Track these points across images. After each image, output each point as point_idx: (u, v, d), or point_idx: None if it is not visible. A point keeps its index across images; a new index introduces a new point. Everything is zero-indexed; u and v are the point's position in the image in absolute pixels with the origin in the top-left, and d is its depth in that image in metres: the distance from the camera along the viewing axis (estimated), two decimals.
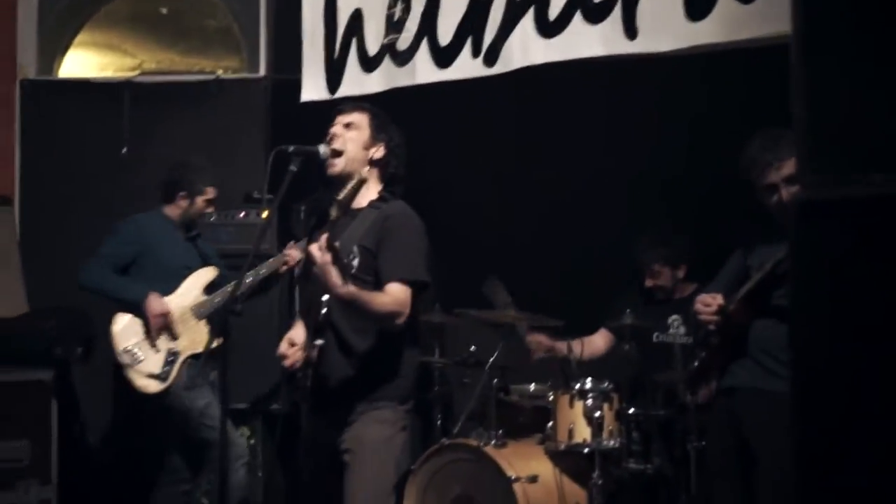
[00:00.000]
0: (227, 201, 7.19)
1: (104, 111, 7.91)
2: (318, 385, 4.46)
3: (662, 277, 6.41)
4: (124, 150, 7.80)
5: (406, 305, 4.40)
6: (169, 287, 6.20)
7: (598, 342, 6.61)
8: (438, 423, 6.73)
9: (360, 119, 4.66)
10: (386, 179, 4.66)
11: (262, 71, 8.03)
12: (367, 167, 4.61)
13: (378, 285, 4.41)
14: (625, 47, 5.51)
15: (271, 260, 6.23)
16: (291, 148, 4.43)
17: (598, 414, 5.77)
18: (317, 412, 4.63)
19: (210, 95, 7.89)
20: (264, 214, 6.55)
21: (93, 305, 7.59)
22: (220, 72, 8.04)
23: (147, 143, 7.84)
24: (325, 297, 4.31)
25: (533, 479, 5.73)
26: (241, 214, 7.16)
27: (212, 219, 7.06)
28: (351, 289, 4.19)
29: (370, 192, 4.60)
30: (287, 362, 4.52)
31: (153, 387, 6.11)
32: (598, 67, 5.72)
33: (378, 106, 4.84)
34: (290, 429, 7.08)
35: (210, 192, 6.45)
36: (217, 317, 6.10)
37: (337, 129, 4.63)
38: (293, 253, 6.24)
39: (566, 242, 7.00)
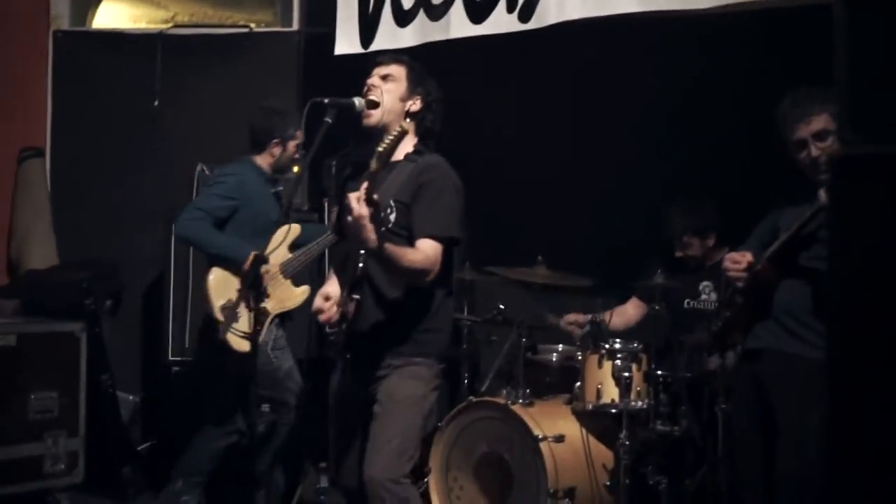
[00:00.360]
0: None
1: (136, 63, 7.91)
2: (354, 340, 4.45)
3: (692, 248, 6.37)
4: (156, 102, 7.80)
5: (436, 263, 4.36)
6: (259, 243, 6.06)
7: (630, 312, 6.59)
8: (465, 380, 6.72)
9: (398, 71, 4.62)
10: (421, 133, 4.61)
11: (296, 24, 8.01)
12: (404, 120, 4.56)
13: (412, 240, 4.38)
14: (663, 3, 5.46)
15: (324, 237, 6.10)
16: (327, 100, 4.39)
17: (626, 374, 5.74)
18: (351, 368, 4.61)
19: (243, 49, 7.88)
20: (295, 169, 6.51)
21: (122, 258, 7.65)
22: (253, 25, 8.03)
23: (179, 96, 7.85)
24: (362, 252, 4.29)
25: (560, 438, 5.72)
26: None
27: None
28: (381, 243, 4.15)
29: (406, 146, 4.52)
30: (322, 317, 4.50)
31: (245, 346, 5.99)
32: (635, 25, 5.68)
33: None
34: (320, 382, 7.15)
35: (300, 136, 6.25)
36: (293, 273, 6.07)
37: (374, 80, 4.60)
38: None
39: (598, 202, 6.97)
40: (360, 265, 4.34)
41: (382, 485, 4.35)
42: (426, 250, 4.34)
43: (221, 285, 5.99)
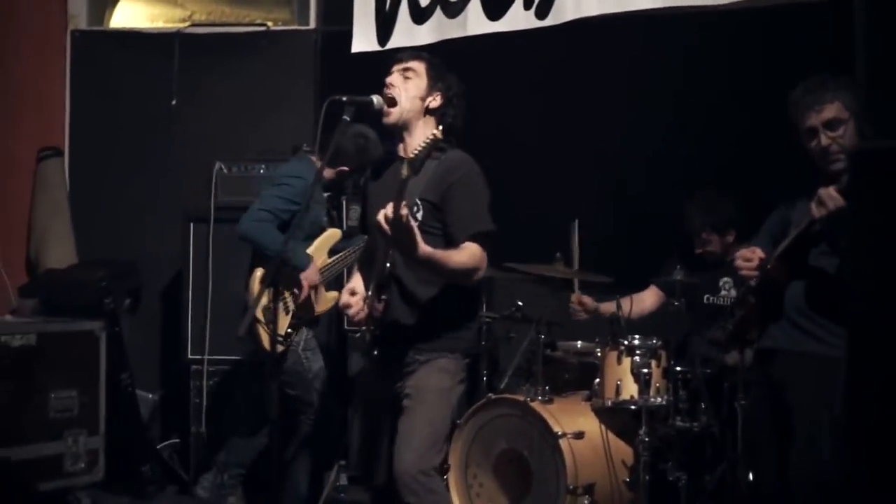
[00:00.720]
0: (276, 154, 7.21)
1: (154, 62, 7.93)
2: (382, 338, 4.47)
3: (712, 244, 6.34)
4: (174, 101, 7.82)
5: (483, 261, 4.41)
6: (308, 245, 6.10)
7: (647, 299, 6.54)
8: (484, 377, 6.71)
9: (419, 67, 4.60)
10: (444, 129, 4.53)
11: (313, 23, 8.02)
12: (424, 116, 4.58)
13: (445, 237, 4.39)
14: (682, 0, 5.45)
15: (360, 244, 6.03)
16: (345, 98, 4.38)
17: (645, 371, 5.73)
18: (378, 365, 4.62)
19: (260, 47, 7.89)
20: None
21: (141, 257, 7.66)
22: (270, 23, 8.03)
23: (196, 95, 7.87)
24: (390, 251, 4.30)
25: (579, 435, 5.71)
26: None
27: (261, 171, 7.06)
28: (427, 250, 4.17)
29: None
30: (352, 311, 4.51)
31: (277, 347, 5.97)
32: (653, 21, 5.66)
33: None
34: (335, 384, 7.16)
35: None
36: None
37: (394, 77, 4.59)
38: None
39: (617, 198, 6.96)
40: (388, 265, 4.34)
41: (413, 477, 4.37)
42: (472, 250, 4.37)
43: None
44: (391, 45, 6.58)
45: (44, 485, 6.40)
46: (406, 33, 6.53)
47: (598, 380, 5.95)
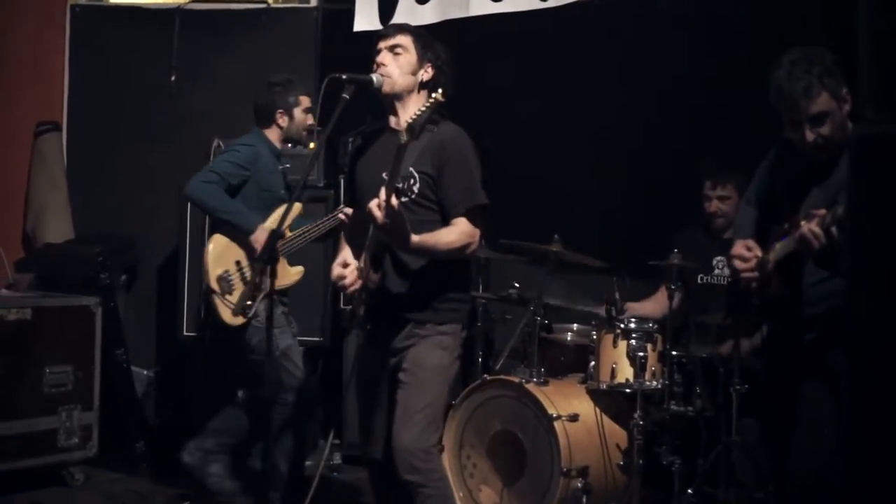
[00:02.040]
0: None
1: (154, 38, 7.90)
2: (376, 311, 4.50)
3: (730, 202, 6.25)
4: (173, 77, 7.79)
5: (475, 234, 4.44)
6: (263, 217, 6.04)
7: (649, 306, 6.49)
8: (480, 359, 6.72)
9: (406, 41, 4.58)
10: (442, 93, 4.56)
11: (314, 0, 7.98)
12: (417, 91, 4.58)
13: (440, 209, 4.42)
14: None
15: (326, 219, 6.06)
16: (344, 76, 4.40)
17: (641, 354, 5.73)
18: (372, 339, 4.63)
19: (260, 24, 7.85)
20: (312, 145, 6.50)
21: (138, 233, 7.65)
22: (270, 0, 7.99)
23: (196, 71, 7.84)
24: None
25: (574, 417, 5.71)
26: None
27: None
28: (416, 239, 4.21)
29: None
30: (346, 282, 4.52)
31: (236, 320, 5.94)
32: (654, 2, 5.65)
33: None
34: (331, 363, 7.16)
35: (305, 101, 6.20)
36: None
37: (384, 56, 4.56)
38: (347, 210, 6.10)
39: (615, 179, 6.96)
40: (375, 233, 4.35)
41: (413, 454, 4.40)
42: (462, 226, 4.41)
43: (221, 254, 5.95)
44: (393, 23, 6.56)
45: (37, 460, 6.42)
46: (408, 12, 6.52)
47: (593, 362, 5.96)
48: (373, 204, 4.09)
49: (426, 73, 4.59)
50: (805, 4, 6.12)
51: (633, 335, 5.79)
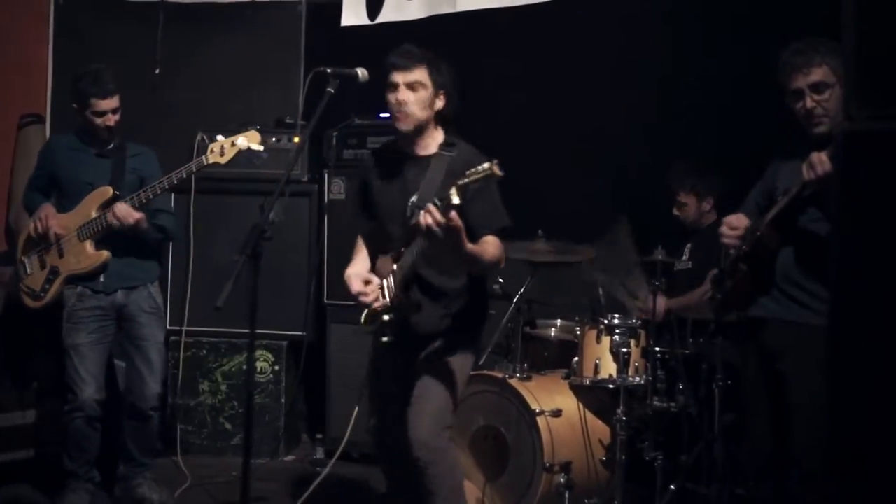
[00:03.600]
0: (260, 126, 7.18)
1: (138, 31, 7.85)
2: (404, 326, 4.62)
3: (688, 208, 6.47)
4: (157, 70, 7.76)
5: (503, 253, 4.59)
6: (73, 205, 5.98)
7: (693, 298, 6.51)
8: None
9: (423, 76, 4.60)
10: (446, 121, 4.70)
11: None
12: (434, 120, 4.69)
13: (467, 231, 4.42)
14: None
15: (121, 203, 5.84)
16: (329, 69, 4.42)
17: (624, 350, 5.75)
18: (393, 350, 4.71)
19: (245, 17, 7.82)
20: (296, 139, 6.50)
21: None
22: None
23: (180, 65, 7.81)
24: (415, 248, 4.45)
25: (557, 413, 5.73)
26: (274, 139, 7.13)
27: None
28: (471, 246, 4.34)
29: (436, 137, 4.70)
30: (368, 299, 4.62)
31: (30, 302, 5.98)
32: None
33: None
34: (314, 357, 7.15)
35: (96, 104, 5.92)
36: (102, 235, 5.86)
37: (403, 94, 4.59)
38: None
39: (599, 172, 6.97)
40: (411, 258, 4.51)
41: (428, 445, 4.51)
42: (497, 244, 4.55)
43: (31, 240, 6.07)
44: (381, 19, 6.56)
45: (18, 453, 6.39)
46: (396, 8, 6.51)
47: (576, 358, 5.97)
48: (426, 218, 4.17)
49: (440, 102, 4.67)
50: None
51: (617, 331, 5.82)
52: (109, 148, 6.06)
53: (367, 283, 4.65)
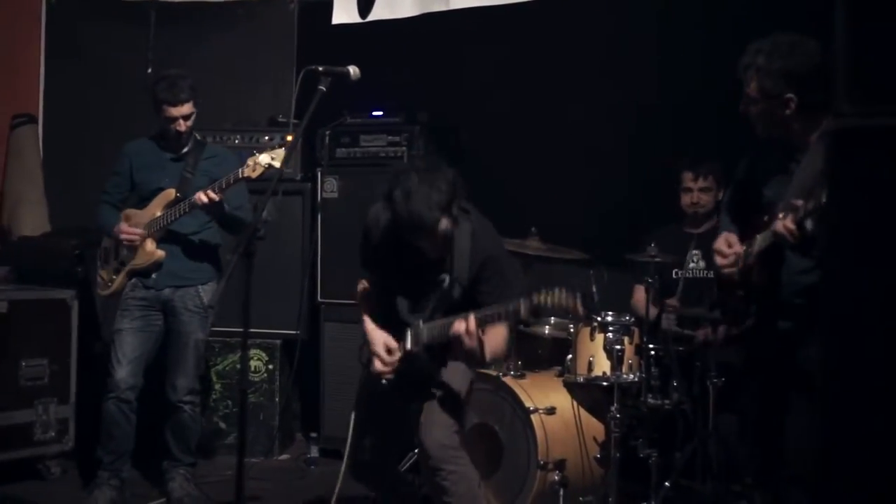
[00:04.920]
0: (253, 125, 7.19)
1: (130, 31, 7.87)
2: (405, 379, 4.69)
3: (707, 195, 6.31)
4: (149, 70, 7.76)
5: (508, 345, 4.85)
6: (144, 206, 6.13)
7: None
8: None
9: (445, 225, 4.36)
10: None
11: None
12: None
13: (479, 304, 4.48)
14: None
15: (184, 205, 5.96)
16: (321, 67, 4.41)
17: (618, 347, 5.74)
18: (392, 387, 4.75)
19: (237, 18, 7.82)
20: (289, 138, 6.48)
21: None
22: None
23: (172, 65, 7.72)
24: (421, 325, 4.56)
25: (551, 410, 5.73)
26: (266, 138, 7.13)
27: (237, 142, 7.05)
28: (488, 357, 4.50)
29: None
30: (384, 370, 4.64)
31: (101, 291, 6.26)
32: None
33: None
34: (308, 356, 7.14)
35: (168, 111, 5.98)
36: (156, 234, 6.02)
37: (435, 250, 4.52)
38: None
39: (593, 173, 6.96)
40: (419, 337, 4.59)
41: (444, 445, 4.58)
42: (503, 336, 4.67)
43: (106, 250, 6.30)
44: (372, 17, 6.55)
45: (13, 453, 6.39)
46: (387, 5, 6.49)
47: (570, 356, 5.97)
48: (461, 329, 4.28)
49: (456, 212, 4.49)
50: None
51: (610, 328, 5.81)
52: (184, 152, 6.14)
53: (389, 352, 4.64)
